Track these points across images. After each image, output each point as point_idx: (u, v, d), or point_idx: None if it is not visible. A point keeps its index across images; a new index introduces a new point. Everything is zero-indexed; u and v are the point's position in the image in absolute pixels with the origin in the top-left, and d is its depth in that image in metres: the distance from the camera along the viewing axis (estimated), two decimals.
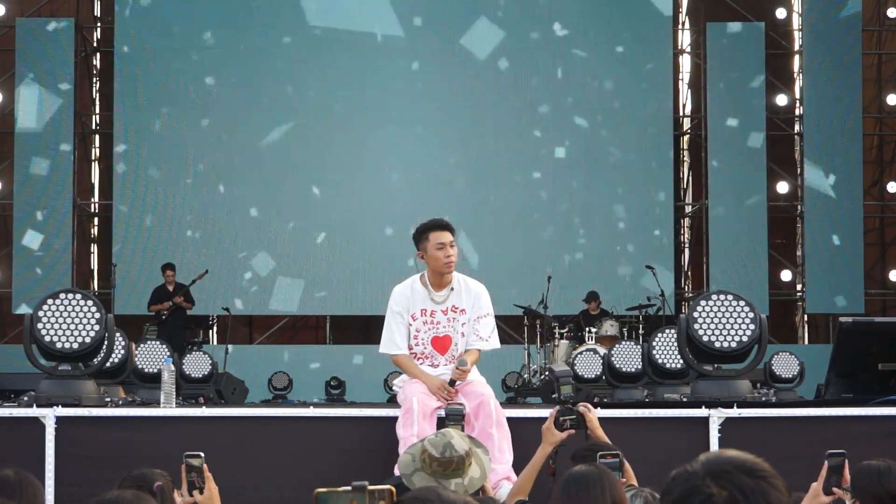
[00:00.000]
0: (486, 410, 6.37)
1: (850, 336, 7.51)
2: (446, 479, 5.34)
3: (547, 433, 5.57)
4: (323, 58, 18.21)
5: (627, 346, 11.73)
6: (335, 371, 17.25)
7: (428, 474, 5.36)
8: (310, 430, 6.77)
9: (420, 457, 5.40)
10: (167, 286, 16.13)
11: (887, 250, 19.59)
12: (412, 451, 5.55)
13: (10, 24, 18.64)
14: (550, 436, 5.55)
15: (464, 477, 5.36)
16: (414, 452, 5.50)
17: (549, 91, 18.32)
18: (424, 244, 6.57)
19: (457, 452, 5.29)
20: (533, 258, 17.86)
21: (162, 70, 18.05)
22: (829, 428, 6.66)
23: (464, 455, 5.30)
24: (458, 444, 5.34)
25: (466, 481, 5.37)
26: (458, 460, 5.29)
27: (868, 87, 19.19)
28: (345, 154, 18.12)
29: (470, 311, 6.66)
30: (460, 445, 5.33)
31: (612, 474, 4.00)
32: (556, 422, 5.55)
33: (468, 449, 5.36)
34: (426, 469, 5.35)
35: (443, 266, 6.54)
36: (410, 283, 6.68)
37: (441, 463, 5.29)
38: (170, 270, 16.18)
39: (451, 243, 6.53)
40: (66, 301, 7.18)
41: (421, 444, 5.47)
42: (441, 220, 6.62)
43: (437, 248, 6.51)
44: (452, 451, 5.29)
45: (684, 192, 19.44)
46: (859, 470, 4.37)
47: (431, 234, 6.52)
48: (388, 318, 6.66)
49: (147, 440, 6.61)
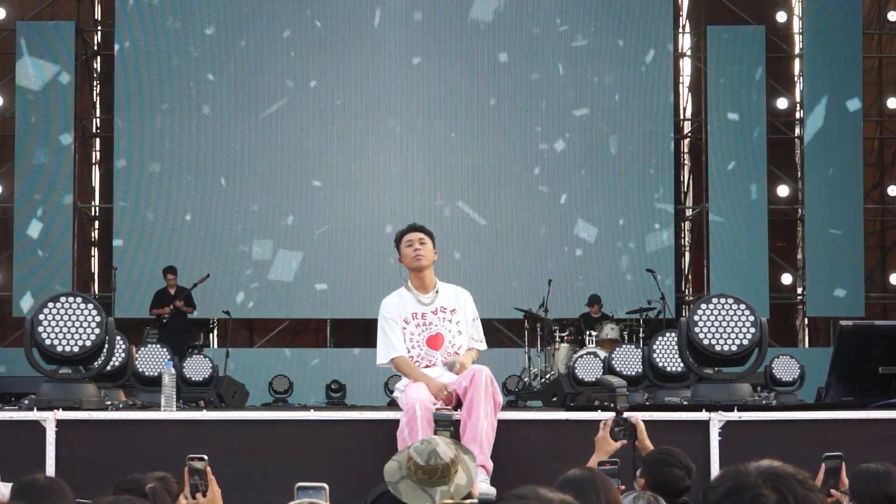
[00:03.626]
0: (476, 381, 6.44)
1: (851, 339, 7.50)
2: (432, 486, 5.34)
3: (603, 443, 5.75)
4: (323, 52, 18.27)
5: (628, 350, 11.73)
6: (336, 374, 17.25)
7: (413, 482, 5.36)
8: (310, 434, 6.77)
9: (406, 464, 5.40)
10: (168, 290, 16.13)
11: (888, 253, 19.59)
12: (398, 458, 5.56)
13: (10, 28, 18.66)
14: (606, 445, 5.73)
15: (450, 484, 5.35)
16: (400, 460, 5.50)
17: (550, 88, 18.36)
18: (399, 248, 6.87)
19: (442, 460, 5.28)
20: (533, 259, 17.87)
21: (162, 66, 18.08)
22: (829, 431, 6.66)
23: (449, 463, 5.30)
24: (444, 451, 5.33)
25: (452, 489, 5.37)
26: (443, 468, 5.29)
27: (868, 90, 19.19)
28: (344, 150, 18.17)
29: (461, 313, 6.84)
30: (445, 453, 5.32)
31: (607, 478, 4.01)
32: (612, 432, 5.72)
33: (454, 456, 5.35)
34: (411, 477, 5.34)
35: (412, 261, 6.78)
36: (397, 292, 6.87)
37: (426, 471, 5.28)
38: (171, 274, 16.18)
39: (421, 240, 6.78)
40: (67, 304, 7.18)
41: (406, 452, 5.48)
42: (413, 223, 6.96)
43: (406, 246, 6.80)
44: (437, 459, 5.29)
45: (685, 196, 19.45)
46: (857, 473, 4.38)
47: (403, 238, 6.85)
48: (382, 327, 6.76)
49: (147, 444, 6.62)
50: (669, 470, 4.76)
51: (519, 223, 18.15)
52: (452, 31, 18.39)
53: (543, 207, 18.23)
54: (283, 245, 18.09)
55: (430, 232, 6.91)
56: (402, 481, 5.37)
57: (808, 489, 2.35)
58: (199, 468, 4.64)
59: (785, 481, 2.34)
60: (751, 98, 18.54)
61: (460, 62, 18.34)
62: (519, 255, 18.02)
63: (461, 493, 5.37)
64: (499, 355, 16.12)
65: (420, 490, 5.32)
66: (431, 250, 6.81)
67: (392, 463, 5.51)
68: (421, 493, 5.36)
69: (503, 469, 6.35)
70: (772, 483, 2.33)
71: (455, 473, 5.34)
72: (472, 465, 5.53)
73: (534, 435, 6.77)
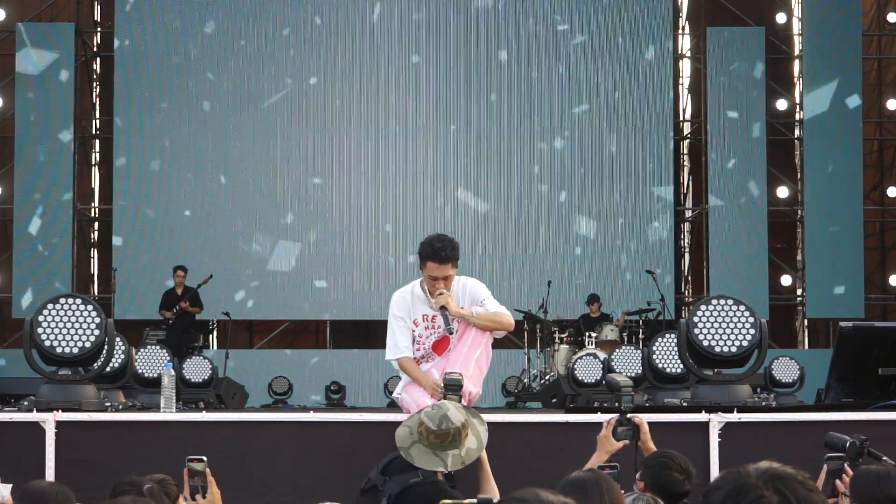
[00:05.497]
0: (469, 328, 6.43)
1: (851, 340, 7.50)
2: (443, 450, 5.39)
3: (605, 442, 5.64)
4: (322, 49, 18.28)
5: (627, 351, 11.73)
6: (335, 375, 17.24)
7: (425, 446, 5.40)
8: (310, 435, 6.77)
9: (417, 429, 5.44)
10: (176, 289, 16.15)
11: (887, 255, 19.58)
12: (409, 423, 5.59)
13: (10, 29, 18.66)
14: (608, 444, 5.63)
15: (461, 448, 5.40)
16: (411, 425, 5.53)
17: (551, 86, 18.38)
18: (422, 266, 6.56)
19: (453, 424, 5.33)
20: (533, 259, 17.87)
21: (161, 64, 18.09)
22: (829, 433, 6.64)
23: (460, 427, 5.34)
24: (455, 415, 5.38)
25: (463, 452, 5.42)
26: (454, 432, 5.33)
27: (868, 91, 19.19)
28: (344, 147, 18.18)
29: (469, 307, 6.65)
30: (456, 417, 5.37)
31: (611, 479, 4.00)
32: (615, 432, 5.63)
33: (464, 420, 5.40)
34: (423, 441, 5.39)
35: (432, 291, 6.53)
36: (410, 288, 6.69)
37: (438, 435, 5.33)
38: (180, 272, 16.19)
39: (447, 277, 6.46)
40: (67, 306, 7.18)
41: (418, 417, 5.51)
42: (442, 251, 6.46)
43: (430, 278, 6.48)
44: (448, 423, 5.34)
45: (684, 197, 19.44)
46: (858, 474, 4.37)
47: (428, 264, 6.48)
48: (391, 324, 6.66)
49: (147, 445, 6.61)
50: (669, 473, 4.75)
51: (518, 223, 18.16)
52: (452, 28, 18.38)
53: (544, 206, 18.22)
54: (283, 238, 18.10)
55: (457, 258, 6.53)
56: (413, 446, 5.42)
57: (809, 490, 2.35)
58: (199, 470, 4.64)
59: (786, 482, 2.34)
60: (750, 99, 18.53)
61: (460, 60, 18.33)
62: (519, 254, 18.02)
63: (472, 457, 5.43)
64: (498, 356, 16.09)
65: (432, 454, 5.39)
66: (452, 280, 6.52)
67: (403, 429, 5.55)
68: (433, 458, 5.41)
69: (503, 470, 6.34)
70: (773, 484, 2.33)
71: (465, 437, 5.39)
72: (481, 429, 5.57)
73: (533, 436, 6.76)
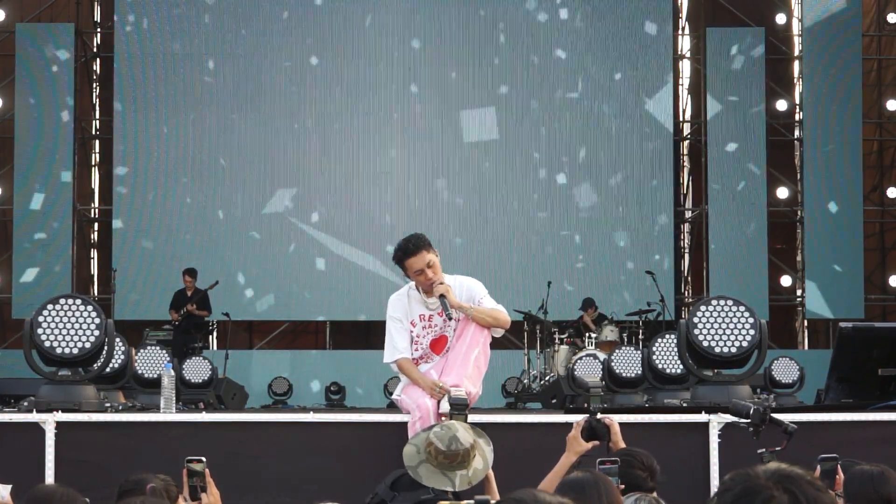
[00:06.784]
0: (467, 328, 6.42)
1: (850, 341, 7.50)
2: (451, 471, 5.40)
3: (573, 442, 5.59)
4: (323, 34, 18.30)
5: (627, 352, 11.73)
6: (335, 376, 17.24)
7: (434, 466, 5.40)
8: (310, 436, 6.77)
9: (425, 449, 5.44)
10: (186, 291, 16.19)
11: (887, 255, 19.58)
12: (416, 441, 5.58)
13: (10, 30, 18.66)
14: (577, 445, 5.58)
15: (468, 468, 5.41)
16: (418, 444, 5.53)
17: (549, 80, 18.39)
18: (406, 272, 6.56)
19: (462, 446, 5.35)
20: (533, 264, 17.87)
21: (165, 54, 18.10)
22: (829, 433, 6.65)
23: (469, 448, 5.35)
24: (464, 436, 5.39)
25: (470, 473, 5.43)
26: (463, 453, 5.35)
27: (868, 92, 19.19)
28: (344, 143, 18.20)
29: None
30: (465, 438, 5.38)
31: (609, 480, 4.00)
32: (584, 432, 5.58)
33: (473, 441, 5.41)
34: (431, 461, 5.39)
35: (425, 286, 6.52)
36: (406, 290, 6.70)
37: (447, 456, 5.34)
38: (189, 276, 16.23)
39: (429, 263, 6.44)
40: (66, 306, 7.18)
41: (426, 436, 5.51)
42: (409, 244, 6.47)
43: (416, 274, 6.48)
44: (458, 444, 5.35)
45: (684, 198, 19.44)
46: (853, 475, 4.37)
47: (406, 263, 6.48)
48: (389, 326, 6.67)
49: (147, 445, 6.62)
50: (631, 471, 4.72)
51: (518, 221, 18.16)
52: (452, 14, 18.36)
53: (545, 203, 18.24)
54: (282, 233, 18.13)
55: (429, 243, 6.52)
56: (421, 465, 5.43)
57: (818, 490, 2.36)
58: (198, 470, 4.64)
59: (795, 482, 2.35)
60: (750, 99, 18.53)
61: (461, 46, 18.32)
62: (518, 254, 18.02)
63: (478, 478, 5.44)
64: (498, 357, 16.11)
65: (440, 474, 5.40)
66: (438, 265, 6.51)
67: (410, 447, 5.55)
68: (441, 477, 5.42)
69: (502, 471, 6.34)
70: (783, 485, 2.34)
71: (473, 458, 5.39)
72: (487, 450, 5.58)
73: (533, 437, 6.76)
